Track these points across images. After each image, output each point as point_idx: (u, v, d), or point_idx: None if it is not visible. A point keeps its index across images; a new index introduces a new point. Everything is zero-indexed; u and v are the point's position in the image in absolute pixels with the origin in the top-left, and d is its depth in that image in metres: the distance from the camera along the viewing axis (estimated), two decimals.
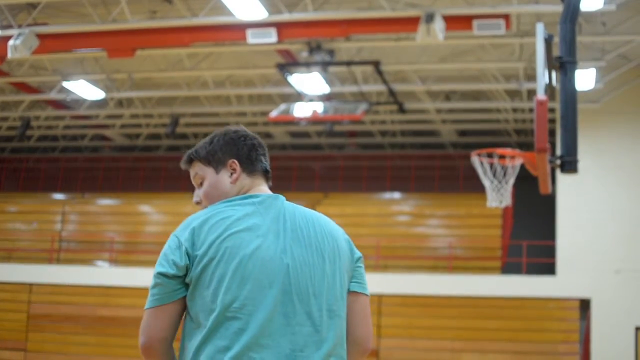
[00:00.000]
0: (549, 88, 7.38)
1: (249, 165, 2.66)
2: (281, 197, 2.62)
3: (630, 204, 16.42)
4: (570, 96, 6.92)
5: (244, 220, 2.46)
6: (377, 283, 16.60)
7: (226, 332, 2.33)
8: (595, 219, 16.43)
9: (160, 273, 2.40)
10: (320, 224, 2.58)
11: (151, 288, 2.42)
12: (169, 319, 2.40)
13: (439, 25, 11.61)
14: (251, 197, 2.57)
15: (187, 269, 2.39)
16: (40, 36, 13.05)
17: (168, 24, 13.21)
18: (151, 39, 13.67)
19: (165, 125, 20.31)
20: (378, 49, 15.54)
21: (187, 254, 2.39)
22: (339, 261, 2.53)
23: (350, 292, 2.55)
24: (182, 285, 2.40)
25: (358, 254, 2.63)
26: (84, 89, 17.39)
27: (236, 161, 2.64)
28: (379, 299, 16.47)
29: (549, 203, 16.92)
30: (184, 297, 2.41)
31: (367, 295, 2.59)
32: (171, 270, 2.39)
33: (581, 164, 7.07)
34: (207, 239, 2.40)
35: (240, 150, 2.67)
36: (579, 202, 16.57)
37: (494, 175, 11.30)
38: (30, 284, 18.47)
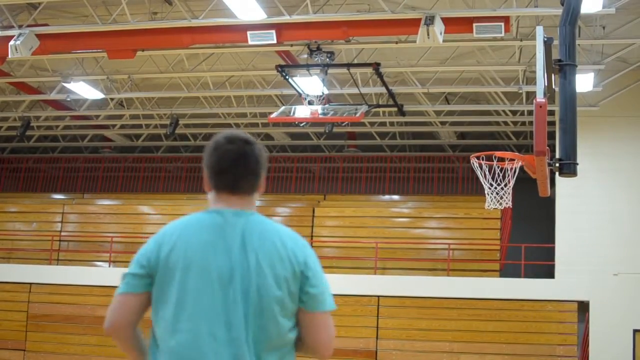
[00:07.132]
0: (549, 91, 7.41)
1: (213, 178, 2.61)
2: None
3: (629, 207, 16.44)
4: (569, 99, 6.93)
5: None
6: (376, 285, 16.62)
7: None
8: (594, 221, 16.44)
9: None
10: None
11: None
12: None
13: (438, 27, 11.62)
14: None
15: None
16: (41, 37, 13.06)
17: (168, 25, 13.21)
18: (151, 39, 13.68)
19: (165, 126, 20.33)
20: (378, 51, 15.56)
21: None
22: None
23: None
24: None
25: None
26: (84, 90, 17.40)
27: (206, 171, 2.64)
28: (377, 300, 16.47)
29: (547, 206, 16.93)
30: None
31: None
32: None
33: (580, 167, 7.08)
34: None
35: (208, 160, 2.64)
36: (578, 205, 16.58)
37: (493, 177, 11.31)
38: (30, 284, 18.49)
